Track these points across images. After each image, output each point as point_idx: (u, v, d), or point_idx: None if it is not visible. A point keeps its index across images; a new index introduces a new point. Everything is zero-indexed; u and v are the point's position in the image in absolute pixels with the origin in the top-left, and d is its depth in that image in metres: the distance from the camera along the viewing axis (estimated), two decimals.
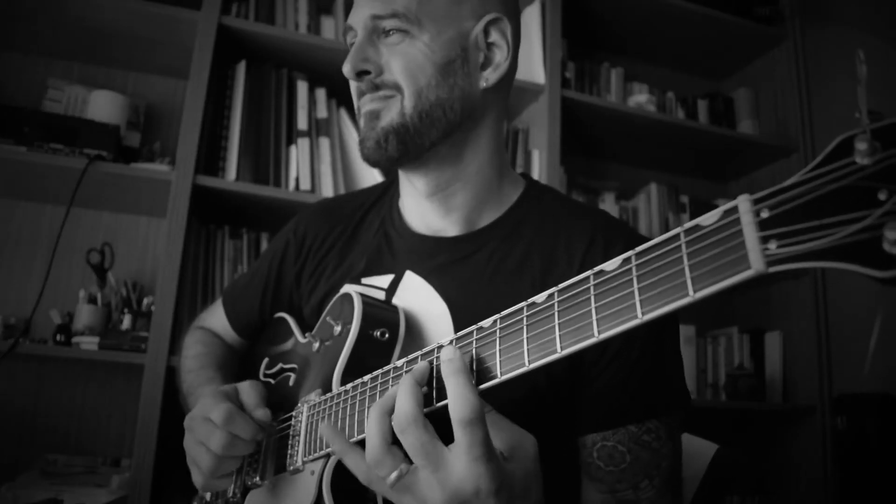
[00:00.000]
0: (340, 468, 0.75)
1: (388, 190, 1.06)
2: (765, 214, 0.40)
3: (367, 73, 0.85)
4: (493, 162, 0.94)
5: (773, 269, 0.40)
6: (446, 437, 0.57)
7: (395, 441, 0.60)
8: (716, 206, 0.45)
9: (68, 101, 1.89)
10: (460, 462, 0.55)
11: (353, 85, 0.89)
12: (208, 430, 0.80)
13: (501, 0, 0.90)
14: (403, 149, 0.86)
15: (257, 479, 0.87)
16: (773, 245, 0.40)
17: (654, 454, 0.78)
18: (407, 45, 0.84)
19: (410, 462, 0.59)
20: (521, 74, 2.05)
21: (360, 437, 0.68)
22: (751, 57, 2.57)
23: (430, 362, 0.62)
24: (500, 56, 0.90)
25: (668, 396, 0.83)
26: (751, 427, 2.35)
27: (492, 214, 0.93)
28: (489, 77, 0.89)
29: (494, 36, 0.90)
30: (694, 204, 2.41)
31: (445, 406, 0.57)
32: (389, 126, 0.85)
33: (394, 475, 0.58)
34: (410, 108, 0.84)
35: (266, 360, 1.05)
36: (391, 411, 0.60)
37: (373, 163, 0.89)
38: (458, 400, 0.55)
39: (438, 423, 0.59)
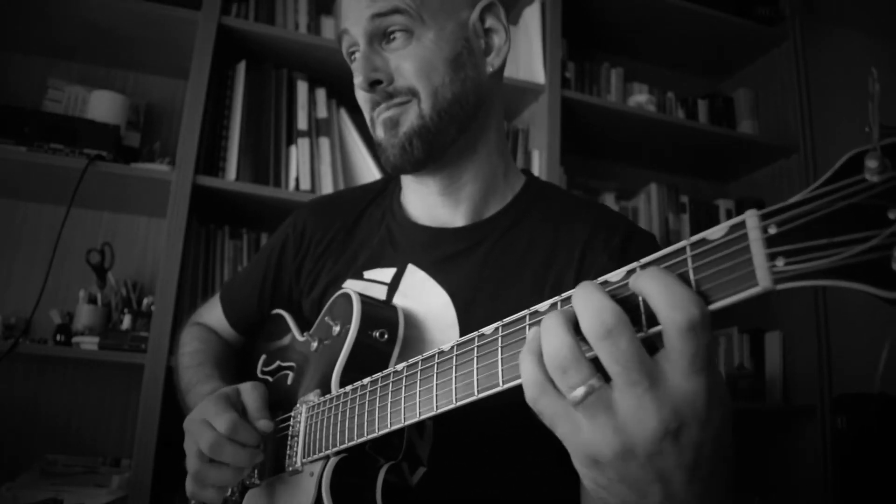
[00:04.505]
0: (340, 469, 0.75)
1: (389, 184, 1.07)
2: (772, 230, 0.39)
3: (380, 82, 0.84)
4: (499, 148, 0.96)
5: (780, 287, 0.39)
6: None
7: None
8: (716, 207, 0.44)
9: (68, 101, 1.88)
10: (680, 374, 0.43)
11: (364, 96, 0.87)
12: (207, 435, 0.78)
13: None
14: (428, 149, 0.86)
15: (256, 478, 0.87)
16: (780, 262, 0.39)
17: None
18: (414, 47, 0.84)
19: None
20: (521, 74, 2.06)
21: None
22: (751, 57, 2.56)
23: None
24: (500, 40, 0.92)
25: None
26: (751, 427, 2.35)
27: (497, 205, 0.95)
28: (493, 62, 0.92)
29: (491, 21, 0.92)
30: (694, 204, 2.39)
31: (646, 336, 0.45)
32: (411, 130, 0.85)
33: (582, 389, 0.44)
34: (429, 109, 0.85)
35: (263, 356, 1.04)
36: (574, 321, 0.46)
37: (399, 169, 0.88)
38: (674, 306, 0.42)
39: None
